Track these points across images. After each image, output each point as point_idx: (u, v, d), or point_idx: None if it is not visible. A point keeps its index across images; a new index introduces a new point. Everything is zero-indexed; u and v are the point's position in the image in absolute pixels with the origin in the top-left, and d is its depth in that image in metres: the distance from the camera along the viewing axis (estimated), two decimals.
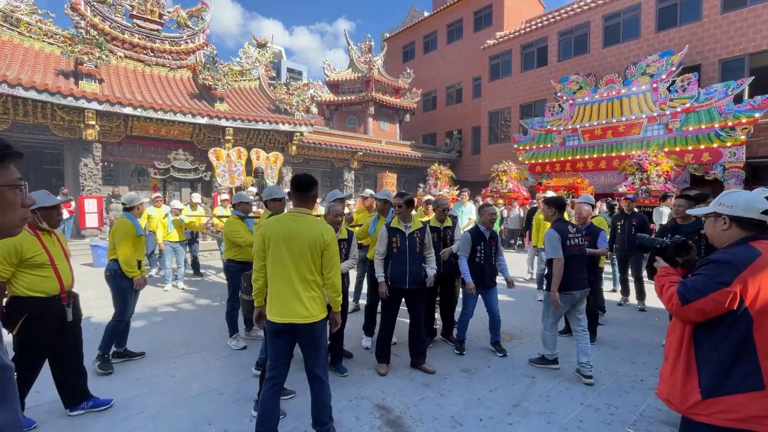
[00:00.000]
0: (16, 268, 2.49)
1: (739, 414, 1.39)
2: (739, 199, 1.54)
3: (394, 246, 3.52)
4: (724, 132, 11.28)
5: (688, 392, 1.51)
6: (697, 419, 1.49)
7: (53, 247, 2.65)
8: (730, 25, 12.47)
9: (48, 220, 2.64)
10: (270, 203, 3.54)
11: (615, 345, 4.22)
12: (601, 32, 15.48)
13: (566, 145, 14.85)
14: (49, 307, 2.58)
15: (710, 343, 1.49)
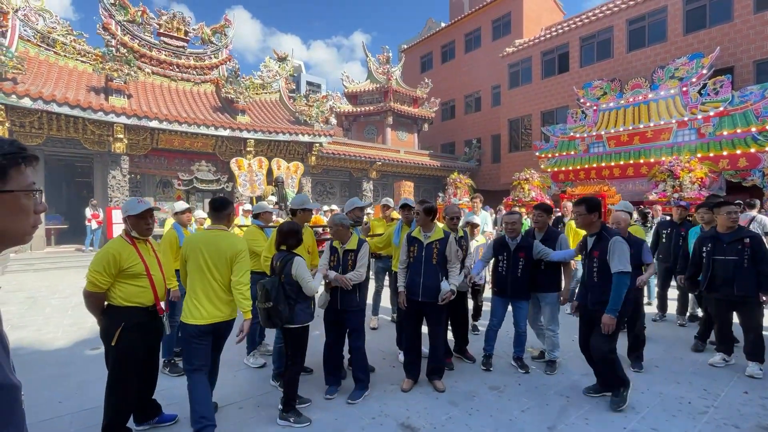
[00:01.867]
0: (115, 279, 2.44)
1: None
2: None
3: (411, 255, 3.39)
4: (762, 136, 10.71)
5: None
6: None
7: (148, 257, 2.60)
8: (764, 24, 11.94)
9: (137, 228, 2.55)
10: (300, 213, 3.47)
11: (656, 363, 3.92)
12: (625, 36, 15.10)
13: (591, 152, 14.43)
14: (145, 319, 2.52)
15: None
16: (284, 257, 2.89)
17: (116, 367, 2.43)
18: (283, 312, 2.76)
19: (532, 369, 3.78)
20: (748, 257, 3.55)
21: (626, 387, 3.03)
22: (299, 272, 2.84)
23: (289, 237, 2.97)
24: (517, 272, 3.69)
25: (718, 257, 3.68)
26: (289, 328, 2.86)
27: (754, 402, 3.10)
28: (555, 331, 3.79)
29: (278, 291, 2.76)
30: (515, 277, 3.70)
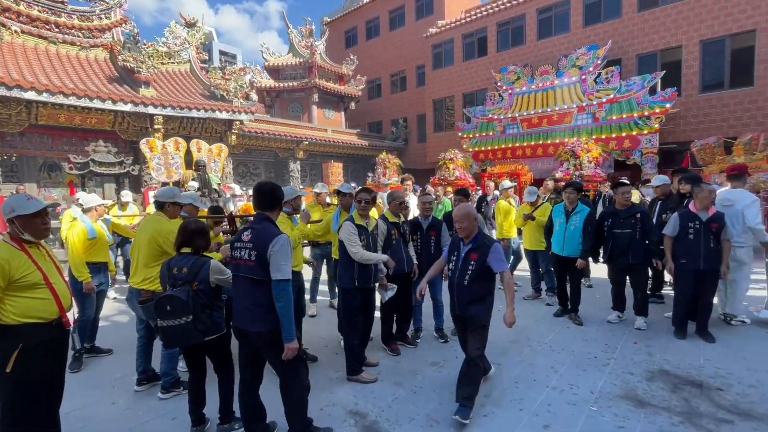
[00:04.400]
0: (3, 293, 1.99)
1: None
2: None
3: (362, 244, 3.39)
4: (642, 121, 12.49)
5: None
6: None
7: (44, 262, 2.16)
8: (645, 23, 13.72)
9: (31, 229, 2.11)
10: (168, 207, 3.23)
11: (567, 324, 4.49)
12: (535, 25, 16.24)
13: (507, 133, 15.54)
14: (48, 336, 2.10)
15: None
16: (194, 262, 2.49)
17: (16, 401, 2.02)
18: (206, 323, 2.43)
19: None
20: (639, 230, 4.16)
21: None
22: (221, 276, 2.53)
23: (196, 237, 2.58)
24: (431, 250, 3.99)
25: (616, 231, 4.26)
26: (213, 339, 2.51)
27: (642, 350, 3.73)
28: None
29: (195, 301, 2.38)
30: (429, 254, 3.96)
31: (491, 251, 2.77)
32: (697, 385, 3.06)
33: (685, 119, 12.96)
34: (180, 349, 2.81)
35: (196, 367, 2.65)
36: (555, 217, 4.72)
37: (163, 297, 2.39)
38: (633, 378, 3.21)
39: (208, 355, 2.66)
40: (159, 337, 2.51)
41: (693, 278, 3.89)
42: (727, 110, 12.44)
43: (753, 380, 3.10)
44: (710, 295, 3.97)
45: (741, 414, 2.68)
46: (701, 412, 2.71)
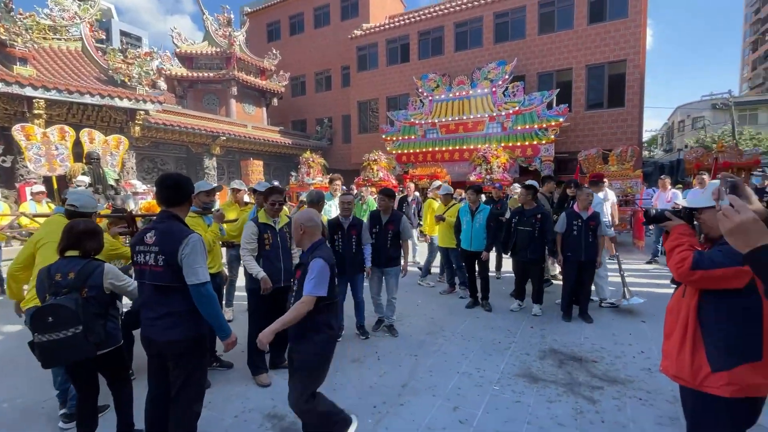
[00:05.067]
0: None
1: (744, 383, 1.59)
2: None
3: (266, 242, 3.32)
4: (541, 132, 14.09)
5: (698, 367, 1.69)
6: (708, 391, 1.67)
7: None
8: (543, 45, 15.50)
9: None
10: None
11: (477, 314, 4.90)
12: (453, 37, 17.35)
13: (427, 137, 16.34)
14: None
15: (715, 319, 1.65)
16: (84, 266, 2.21)
17: None
18: (100, 334, 2.17)
19: (385, 336, 4.22)
20: (538, 229, 4.68)
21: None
22: (118, 281, 2.31)
23: (86, 239, 2.29)
24: (352, 249, 4.04)
25: (520, 228, 4.77)
26: (106, 352, 2.27)
27: (536, 334, 4.23)
28: (396, 298, 4.36)
29: (86, 309, 2.12)
30: (351, 254, 4.03)
31: (309, 269, 2.19)
32: (578, 360, 3.58)
33: (575, 132, 14.95)
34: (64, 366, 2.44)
35: (86, 386, 2.36)
36: (462, 216, 5.13)
37: (44, 307, 2.06)
38: (529, 358, 3.64)
39: (101, 370, 2.39)
40: (35, 355, 2.14)
41: (576, 268, 4.53)
42: (605, 126, 14.64)
43: (618, 352, 3.73)
44: (589, 283, 4.66)
45: (609, 380, 3.20)
46: (580, 382, 3.18)
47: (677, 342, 1.83)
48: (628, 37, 14.06)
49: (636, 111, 14.21)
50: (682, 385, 1.84)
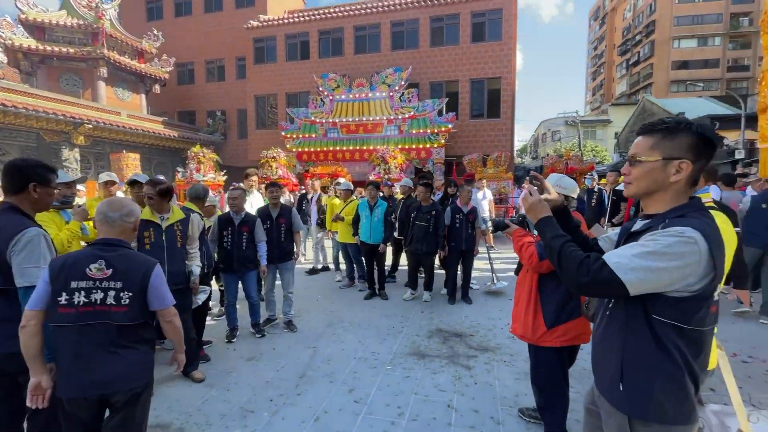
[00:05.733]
0: None
1: (570, 335, 2.18)
2: (566, 183, 2.33)
3: (146, 241, 3.02)
4: (433, 136, 15.33)
5: (537, 326, 2.22)
6: (544, 344, 2.22)
7: None
8: (434, 57, 16.87)
9: None
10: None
11: (374, 305, 5.18)
12: (353, 40, 17.73)
13: (328, 136, 16.42)
14: None
15: (550, 290, 2.21)
16: None
17: None
18: None
19: (283, 332, 4.20)
20: (432, 224, 5.10)
21: None
22: None
23: None
24: (242, 246, 3.93)
25: (417, 222, 5.14)
26: None
27: (426, 317, 4.66)
28: (292, 293, 4.38)
29: None
30: (241, 250, 3.93)
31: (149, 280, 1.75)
32: (458, 335, 4.08)
33: (461, 138, 16.61)
34: None
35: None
36: (361, 211, 5.37)
37: None
38: (418, 339, 4.01)
39: None
40: None
41: (458, 257, 5.12)
42: (485, 134, 16.59)
43: (490, 326, 4.34)
44: (470, 269, 5.30)
45: (482, 349, 3.73)
46: (459, 353, 3.64)
47: (523, 307, 2.31)
48: (502, 58, 16.17)
49: (509, 122, 16.43)
50: (527, 342, 2.32)
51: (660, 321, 1.14)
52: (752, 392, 2.85)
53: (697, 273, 1.09)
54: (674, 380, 1.14)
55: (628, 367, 1.20)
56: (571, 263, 1.18)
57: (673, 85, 40.70)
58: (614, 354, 1.23)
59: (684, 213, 1.16)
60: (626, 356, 1.20)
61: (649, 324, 1.16)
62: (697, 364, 1.15)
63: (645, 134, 1.25)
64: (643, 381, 1.17)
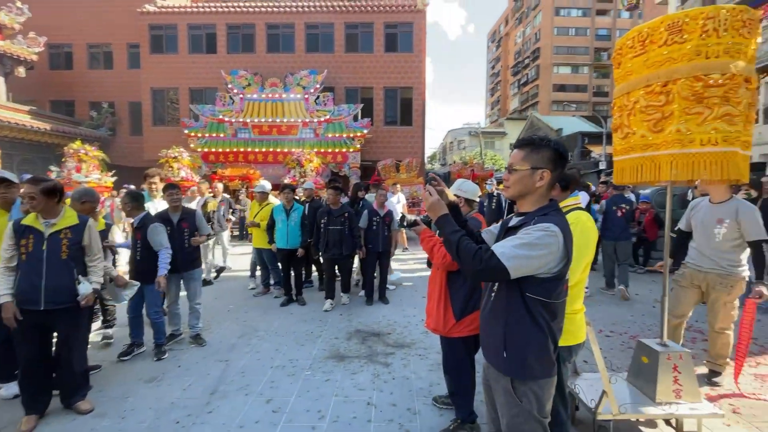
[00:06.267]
0: None
1: (475, 324, 2.33)
2: (467, 187, 2.60)
3: (22, 251, 2.58)
4: (349, 141, 15.50)
5: (448, 320, 2.41)
6: (453, 335, 2.42)
7: None
8: (350, 62, 17.09)
9: None
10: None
11: (291, 311, 5.05)
12: (265, 37, 17.06)
13: (238, 136, 15.50)
14: None
15: (458, 285, 2.40)
16: None
17: None
18: None
19: (189, 347, 3.87)
20: (347, 227, 5.13)
21: None
22: None
23: None
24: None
25: (330, 227, 5.09)
26: None
27: (344, 319, 4.70)
28: (200, 304, 4.07)
29: None
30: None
31: None
32: (377, 335, 4.20)
33: (376, 144, 17.08)
34: None
35: None
36: (276, 216, 5.22)
37: None
38: (337, 341, 4.03)
39: None
40: None
41: (376, 258, 5.27)
42: (399, 141, 17.31)
43: (406, 323, 4.56)
44: (386, 270, 5.50)
45: (398, 346, 3.90)
46: (378, 352, 3.76)
47: (435, 303, 2.50)
48: (413, 69, 17.08)
49: (420, 130, 17.39)
50: (439, 334, 2.51)
51: (531, 297, 1.41)
52: (613, 360, 3.48)
53: (557, 259, 1.38)
54: (541, 345, 1.43)
55: (509, 338, 1.45)
56: (468, 254, 1.40)
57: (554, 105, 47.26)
58: (499, 328, 1.49)
59: (547, 212, 1.46)
60: (508, 328, 1.46)
61: (523, 300, 1.42)
62: (555, 329, 1.46)
63: (518, 148, 1.54)
64: (520, 348, 1.44)
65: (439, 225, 1.56)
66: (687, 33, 2.05)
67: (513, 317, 1.45)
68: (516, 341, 1.44)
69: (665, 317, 2.53)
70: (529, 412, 1.46)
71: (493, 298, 1.54)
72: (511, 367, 1.47)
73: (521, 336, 1.44)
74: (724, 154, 2.06)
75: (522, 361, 1.44)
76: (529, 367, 1.44)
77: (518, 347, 1.44)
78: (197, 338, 3.97)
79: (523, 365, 1.44)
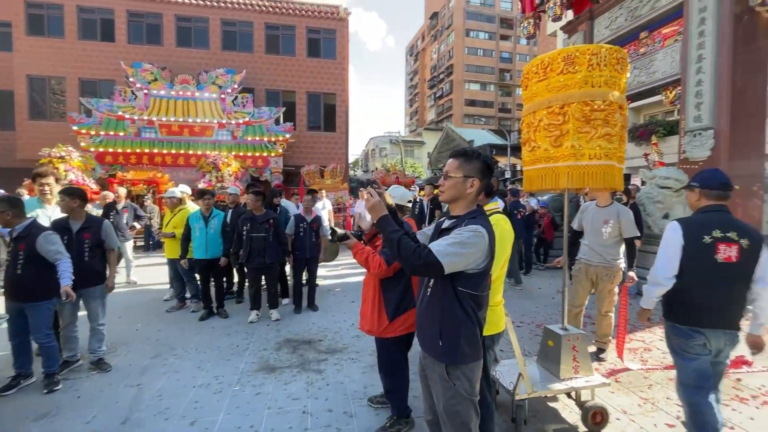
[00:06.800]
0: None
1: (407, 324, 2.48)
2: (396, 192, 2.63)
3: None
4: (270, 145, 14.95)
5: (382, 321, 2.49)
6: (387, 336, 2.49)
7: None
8: (270, 64, 16.56)
9: None
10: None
11: (213, 324, 4.71)
12: (174, 29, 15.70)
13: (143, 136, 13.96)
14: None
15: (390, 288, 2.48)
16: None
17: None
18: None
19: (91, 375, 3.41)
20: (272, 234, 4.91)
21: None
22: None
23: None
24: (16, 269, 3.09)
25: (253, 234, 4.79)
26: None
27: (273, 329, 4.54)
28: (103, 324, 3.60)
29: None
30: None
31: None
32: (308, 342, 4.14)
33: (299, 149, 16.75)
34: None
35: None
36: (194, 224, 4.84)
37: None
38: (266, 353, 3.88)
39: None
40: None
41: (304, 265, 5.19)
42: (322, 146, 17.22)
43: (337, 329, 4.57)
44: (315, 276, 5.42)
45: (331, 352, 3.90)
46: (310, 359, 3.71)
47: (369, 305, 2.58)
48: (337, 76, 17.17)
49: (344, 137, 17.51)
50: (374, 336, 2.59)
51: (462, 291, 1.59)
52: (525, 346, 3.92)
53: (483, 256, 1.58)
54: (471, 332, 1.62)
55: (444, 327, 1.62)
56: (408, 251, 1.54)
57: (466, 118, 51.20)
58: (435, 319, 1.64)
59: (475, 216, 1.65)
60: (442, 319, 1.62)
61: (455, 294, 1.60)
62: (481, 317, 1.66)
63: (454, 158, 1.75)
64: (454, 336, 1.61)
65: (380, 225, 1.67)
66: (578, 65, 2.46)
67: (447, 309, 1.61)
68: (450, 330, 1.61)
69: (566, 306, 2.94)
70: (462, 394, 1.63)
71: (429, 294, 1.69)
72: (447, 354, 1.62)
73: (454, 325, 1.60)
74: (606, 167, 2.50)
75: (456, 348, 1.60)
76: (461, 353, 1.61)
77: (452, 335, 1.60)
78: (100, 363, 3.50)
79: (456, 351, 1.61)
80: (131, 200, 7.14)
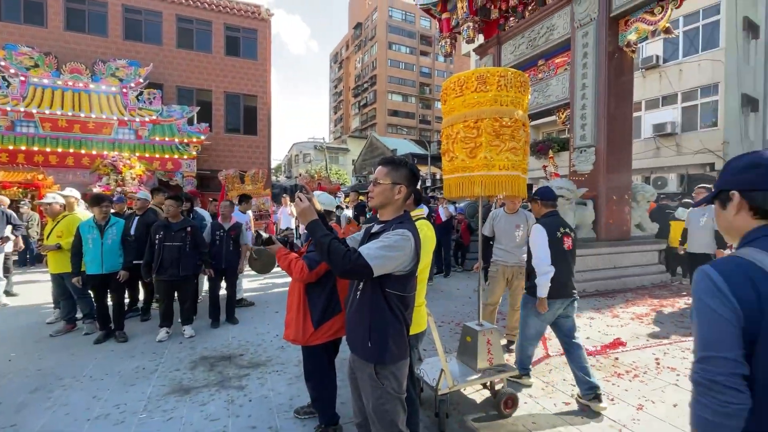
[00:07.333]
0: None
1: (332, 330, 2.47)
2: (324, 199, 2.66)
3: None
4: (182, 146, 13.75)
5: (307, 328, 2.44)
6: (313, 343, 2.46)
7: None
8: (182, 59, 15.31)
9: None
10: None
11: (112, 347, 4.16)
12: (62, 10, 13.68)
13: (18, 131, 11.83)
14: None
15: (315, 295, 2.45)
16: None
17: None
18: None
19: None
20: (190, 243, 4.45)
21: None
22: None
23: None
24: None
25: (167, 243, 4.33)
26: None
27: (187, 347, 4.16)
28: None
29: None
30: None
31: None
32: (227, 358, 3.88)
33: (216, 151, 15.68)
34: None
35: None
36: (86, 234, 4.25)
37: None
38: (179, 373, 3.54)
39: None
40: None
41: (220, 276, 4.87)
42: (242, 150, 16.35)
43: (260, 341, 4.35)
44: (234, 287, 5.11)
45: (253, 366, 3.70)
46: (230, 376, 3.48)
47: (294, 313, 2.53)
48: (258, 77, 16.49)
49: (265, 140, 16.83)
50: (299, 344, 2.54)
51: (389, 292, 1.66)
52: (446, 344, 4.15)
53: (410, 258, 1.66)
54: (399, 331, 1.69)
55: (373, 328, 1.66)
56: (338, 254, 1.56)
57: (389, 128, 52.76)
58: (364, 320, 1.69)
59: (402, 221, 1.75)
60: (371, 321, 1.67)
61: (383, 295, 1.65)
62: (408, 317, 1.75)
63: (382, 165, 1.82)
64: (382, 337, 1.66)
65: (310, 229, 1.68)
66: (489, 84, 2.73)
67: (375, 310, 1.66)
68: (378, 330, 1.66)
69: (481, 304, 3.20)
70: (390, 393, 1.69)
71: (359, 296, 1.73)
72: (375, 355, 1.67)
73: (382, 325, 1.66)
74: (513, 177, 2.80)
75: (384, 348, 1.66)
76: (390, 354, 1.67)
77: (380, 335, 1.66)
78: None
79: (385, 351, 1.66)
80: (5, 206, 6.01)
